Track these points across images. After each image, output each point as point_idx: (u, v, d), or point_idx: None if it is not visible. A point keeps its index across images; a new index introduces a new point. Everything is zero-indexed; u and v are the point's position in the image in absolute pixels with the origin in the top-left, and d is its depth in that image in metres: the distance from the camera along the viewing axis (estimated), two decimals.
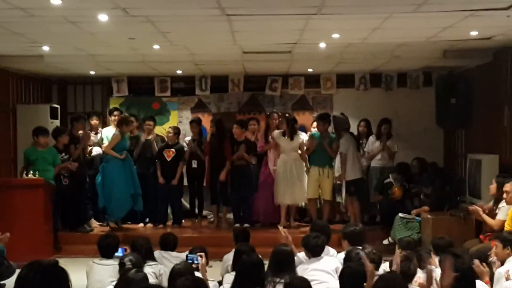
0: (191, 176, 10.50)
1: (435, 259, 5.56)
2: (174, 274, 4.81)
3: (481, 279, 5.03)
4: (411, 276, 4.82)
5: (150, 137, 10.52)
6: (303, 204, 10.30)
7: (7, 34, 7.50)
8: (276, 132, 10.10)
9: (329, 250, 6.21)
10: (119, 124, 10.02)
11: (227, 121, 10.71)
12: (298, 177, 9.94)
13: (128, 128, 10.02)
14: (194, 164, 10.31)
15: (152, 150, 10.42)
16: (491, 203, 7.54)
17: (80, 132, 10.16)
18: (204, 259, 5.50)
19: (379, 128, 10.37)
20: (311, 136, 10.13)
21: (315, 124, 10.40)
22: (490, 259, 5.60)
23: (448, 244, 5.92)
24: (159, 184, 10.22)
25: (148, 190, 10.21)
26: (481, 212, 7.35)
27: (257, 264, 4.95)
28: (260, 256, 5.22)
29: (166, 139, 10.50)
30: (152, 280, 5.26)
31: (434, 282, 4.65)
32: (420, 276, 4.98)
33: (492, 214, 7.26)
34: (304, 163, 10.02)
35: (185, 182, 10.60)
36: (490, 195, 7.65)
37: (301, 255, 5.94)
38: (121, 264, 5.22)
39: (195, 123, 10.57)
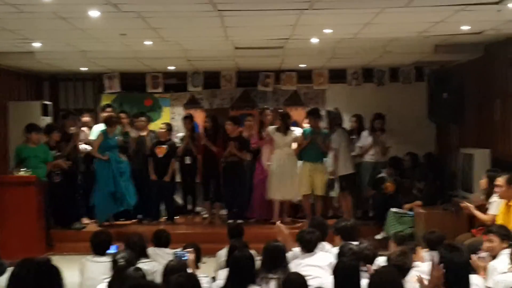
0: (185, 172, 10.48)
1: (425, 254, 5.58)
2: (168, 270, 4.80)
3: (477, 273, 5.05)
4: (406, 270, 4.83)
5: (144, 133, 10.48)
6: (297, 200, 10.29)
7: None
8: (271, 128, 10.10)
9: (324, 245, 6.21)
10: (104, 123, 10.04)
11: (220, 117, 10.70)
12: (291, 173, 9.94)
13: (111, 129, 9.93)
14: (188, 160, 10.30)
15: (146, 146, 10.39)
16: (482, 197, 7.57)
17: (72, 128, 10.13)
18: (193, 255, 5.48)
19: (372, 123, 10.38)
20: (302, 134, 10.10)
21: (306, 119, 10.43)
22: (479, 253, 5.61)
23: (439, 238, 5.93)
24: (152, 181, 10.20)
25: (143, 186, 10.21)
26: (472, 209, 7.38)
27: (248, 259, 4.95)
28: (254, 252, 5.22)
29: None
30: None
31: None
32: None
33: (483, 208, 7.29)
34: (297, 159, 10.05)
35: (178, 179, 10.59)
36: (481, 189, 7.68)
37: (296, 249, 5.95)
38: (114, 262, 5.20)
39: (188, 119, 10.56)
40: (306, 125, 10.40)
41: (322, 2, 6.16)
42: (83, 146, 10.35)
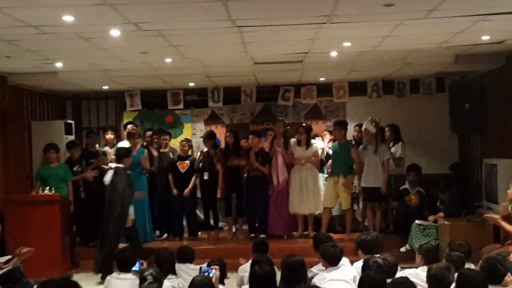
0: (204, 188, 10.45)
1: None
2: (195, 286, 4.80)
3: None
4: (447, 285, 4.75)
5: (165, 150, 10.53)
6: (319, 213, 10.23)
7: (20, 52, 7.57)
8: (291, 141, 10.09)
9: (343, 259, 6.16)
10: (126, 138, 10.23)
11: (241, 132, 10.68)
12: (313, 187, 9.91)
13: (134, 143, 10.09)
14: (206, 176, 10.28)
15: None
16: (506, 203, 7.45)
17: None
18: (218, 272, 5.47)
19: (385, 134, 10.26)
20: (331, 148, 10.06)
21: (325, 133, 10.48)
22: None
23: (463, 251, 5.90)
24: (174, 197, 10.23)
25: (166, 202, 10.31)
26: (499, 220, 7.26)
27: (268, 275, 4.92)
28: (276, 267, 5.20)
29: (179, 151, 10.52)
30: None
31: None
32: None
33: (510, 219, 7.18)
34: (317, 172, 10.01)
35: (198, 194, 10.59)
36: (508, 200, 7.57)
37: (315, 269, 5.92)
38: (142, 278, 5.21)
39: (207, 139, 10.39)
40: (326, 138, 10.42)
41: (341, 16, 6.17)
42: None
